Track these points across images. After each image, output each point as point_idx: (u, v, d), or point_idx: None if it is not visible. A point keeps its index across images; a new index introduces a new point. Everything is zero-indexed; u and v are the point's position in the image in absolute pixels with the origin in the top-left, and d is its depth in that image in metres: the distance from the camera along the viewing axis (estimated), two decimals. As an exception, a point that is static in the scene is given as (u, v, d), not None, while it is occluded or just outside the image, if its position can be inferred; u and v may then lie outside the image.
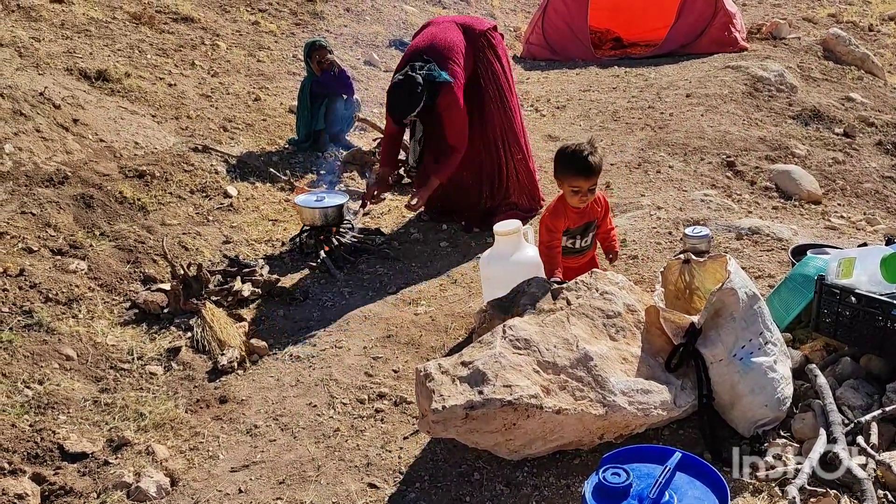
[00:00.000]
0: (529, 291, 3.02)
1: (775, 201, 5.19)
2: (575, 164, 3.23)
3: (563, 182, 3.31)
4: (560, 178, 3.33)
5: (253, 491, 2.79)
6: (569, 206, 3.36)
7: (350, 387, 3.37)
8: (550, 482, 2.68)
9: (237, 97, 6.94)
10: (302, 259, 4.66)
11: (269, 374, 3.53)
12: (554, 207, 3.41)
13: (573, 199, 3.31)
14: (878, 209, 5.37)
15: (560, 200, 3.39)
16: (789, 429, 2.74)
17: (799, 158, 5.89)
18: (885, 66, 9.47)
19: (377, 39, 9.39)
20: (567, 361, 2.64)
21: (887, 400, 2.66)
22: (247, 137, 6.29)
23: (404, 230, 5.06)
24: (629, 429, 2.69)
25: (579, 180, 3.25)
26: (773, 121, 6.68)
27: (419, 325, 3.86)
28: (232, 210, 5.16)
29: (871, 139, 6.60)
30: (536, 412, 2.50)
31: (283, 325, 3.96)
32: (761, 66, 7.76)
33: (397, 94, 4.44)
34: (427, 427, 2.60)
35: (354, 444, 3.01)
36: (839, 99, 7.46)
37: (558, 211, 3.38)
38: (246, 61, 7.80)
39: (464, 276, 4.37)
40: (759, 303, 2.81)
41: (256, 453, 3.00)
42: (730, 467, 2.63)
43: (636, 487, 1.95)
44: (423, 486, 2.73)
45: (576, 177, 3.25)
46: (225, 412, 3.28)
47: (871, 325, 2.82)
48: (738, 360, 2.71)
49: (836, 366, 2.95)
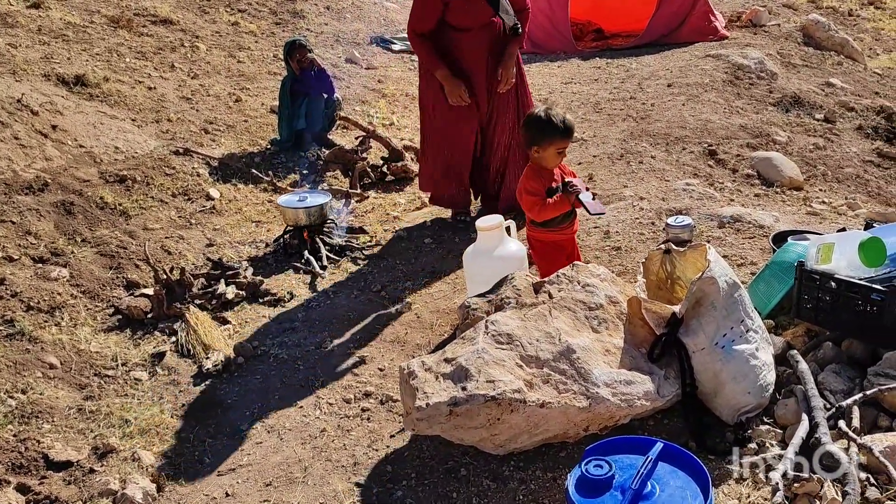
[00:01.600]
0: (512, 285, 3.02)
1: (757, 188, 5.20)
2: (558, 126, 3.27)
3: (546, 147, 3.29)
4: (543, 144, 3.29)
5: (240, 494, 2.78)
6: (544, 170, 3.37)
7: (336, 386, 3.37)
8: (537, 475, 2.68)
9: (218, 98, 6.91)
10: (286, 260, 4.65)
11: (254, 376, 3.53)
12: (529, 176, 3.37)
13: (555, 160, 3.35)
14: (860, 193, 5.40)
15: (533, 169, 3.37)
16: (772, 415, 2.75)
17: (780, 145, 5.91)
18: (864, 50, 9.52)
19: (358, 37, 9.36)
20: (550, 355, 2.65)
21: (868, 383, 2.67)
22: (228, 139, 6.26)
23: (388, 228, 5.05)
24: (614, 420, 2.70)
25: (565, 141, 3.31)
26: (753, 108, 6.70)
27: (404, 322, 3.86)
28: (214, 212, 5.14)
29: (851, 124, 6.63)
30: (520, 406, 2.50)
31: (268, 326, 3.95)
32: (741, 54, 7.78)
33: None
34: (412, 425, 2.60)
35: (341, 443, 3.01)
36: (819, 85, 7.49)
37: (535, 175, 3.36)
38: (226, 62, 7.76)
39: (448, 273, 4.36)
40: (740, 291, 2.82)
41: (243, 456, 3.00)
42: (714, 455, 2.65)
43: (619, 479, 1.96)
44: (410, 483, 2.73)
45: (562, 139, 3.29)
46: (211, 416, 3.27)
47: (851, 309, 2.83)
48: (719, 349, 2.72)
49: (817, 351, 2.97)
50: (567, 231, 3.47)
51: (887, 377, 2.66)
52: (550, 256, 3.46)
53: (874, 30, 11.19)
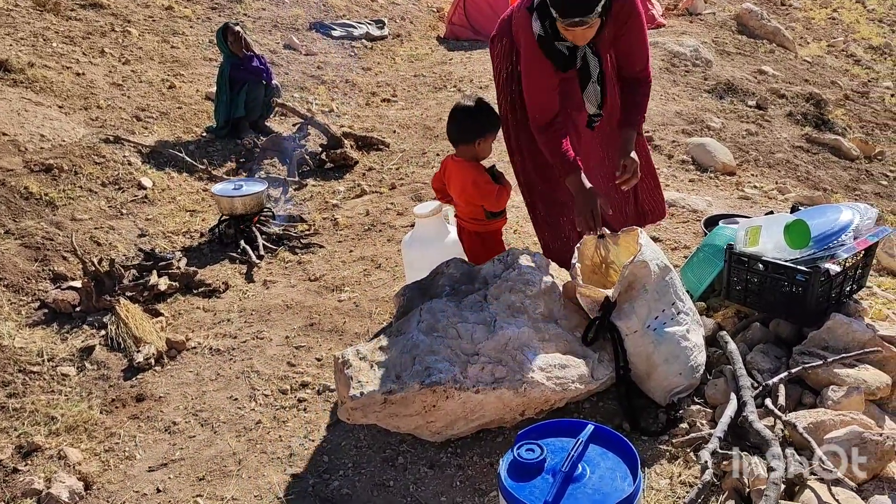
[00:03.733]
0: (448, 273, 3.01)
1: (692, 174, 5.31)
2: (494, 119, 3.22)
3: (488, 138, 3.21)
4: (486, 136, 3.20)
5: (171, 489, 2.72)
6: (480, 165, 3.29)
7: (272, 378, 3.32)
8: (474, 461, 2.69)
9: (150, 85, 6.71)
10: (222, 250, 4.55)
11: (188, 368, 3.44)
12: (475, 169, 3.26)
13: (490, 151, 3.28)
14: (790, 178, 5.55)
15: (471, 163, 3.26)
16: (703, 395, 2.81)
17: (714, 131, 6.04)
18: (795, 39, 9.79)
19: (297, 22, 9.21)
20: (485, 341, 2.64)
21: (793, 362, 2.74)
22: (161, 127, 6.09)
23: (327, 216, 4.99)
24: (549, 404, 2.72)
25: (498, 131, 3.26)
26: (689, 95, 6.82)
27: (343, 311, 3.82)
28: (147, 202, 5.00)
29: (782, 110, 6.81)
30: (455, 393, 2.49)
31: (203, 318, 3.86)
32: (678, 42, 7.91)
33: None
34: (346, 414, 2.57)
35: (277, 435, 2.96)
36: (752, 72, 7.67)
37: (479, 168, 3.27)
38: (159, 48, 7.55)
39: (388, 261, 4.34)
40: (671, 274, 2.86)
41: (175, 451, 2.93)
42: (647, 436, 2.69)
43: (550, 462, 1.96)
44: (347, 473, 2.70)
45: (495, 131, 3.24)
46: (142, 410, 3.19)
47: (778, 290, 2.90)
48: (651, 331, 2.76)
49: (746, 332, 3.04)
50: (501, 222, 3.45)
51: (811, 356, 2.73)
52: (495, 246, 3.42)
53: (805, 19, 11.52)
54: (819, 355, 2.71)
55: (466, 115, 3.22)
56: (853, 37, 11.23)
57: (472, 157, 3.26)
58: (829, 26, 11.57)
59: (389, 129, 6.57)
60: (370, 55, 8.90)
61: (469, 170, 3.25)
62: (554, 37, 2.91)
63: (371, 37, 9.37)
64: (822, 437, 2.36)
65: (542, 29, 2.91)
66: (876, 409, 2.65)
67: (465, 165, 3.26)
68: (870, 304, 3.25)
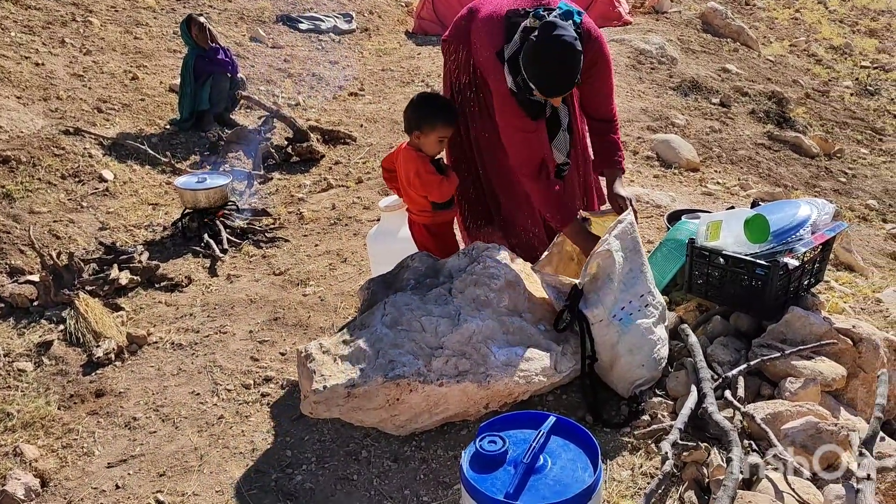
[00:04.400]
0: (413, 266, 3.00)
1: (656, 170, 5.36)
2: (445, 112, 3.12)
3: (429, 133, 3.09)
4: (425, 130, 3.09)
5: (131, 486, 2.68)
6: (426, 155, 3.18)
7: (235, 372, 3.28)
8: (438, 454, 2.69)
9: (112, 76, 6.60)
10: (185, 243, 4.50)
11: (149, 363, 3.40)
12: (416, 159, 3.15)
13: (436, 148, 3.16)
14: (752, 174, 5.64)
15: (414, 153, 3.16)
16: (664, 387, 2.84)
17: (679, 128, 6.11)
18: (759, 38, 9.94)
19: (264, 15, 9.12)
20: (449, 334, 2.64)
21: (752, 355, 2.79)
22: (123, 119, 5.99)
23: (293, 210, 4.95)
24: (513, 397, 2.73)
25: (448, 128, 3.14)
26: (654, 92, 6.89)
27: (307, 305, 3.79)
28: (108, 195, 4.91)
29: (745, 108, 6.91)
30: (419, 386, 2.49)
31: (165, 312, 3.81)
32: (644, 40, 7.98)
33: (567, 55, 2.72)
34: (309, 408, 2.55)
35: (239, 430, 2.93)
36: (716, 70, 7.77)
37: (421, 158, 3.15)
38: (122, 38, 7.42)
39: (354, 255, 4.32)
40: (643, 266, 2.87)
41: (135, 446, 2.88)
42: (610, 428, 2.72)
43: (512, 454, 1.97)
44: (310, 467, 2.68)
45: (445, 125, 3.11)
46: (101, 406, 3.13)
47: (738, 284, 2.94)
48: (617, 321, 2.77)
49: (707, 325, 3.08)
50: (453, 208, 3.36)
51: (770, 348, 2.78)
52: (447, 239, 3.37)
53: (769, 18, 11.70)
54: (777, 348, 2.75)
55: (409, 104, 3.17)
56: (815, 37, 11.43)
57: (417, 148, 3.17)
58: (791, 26, 11.76)
59: (356, 122, 6.54)
60: (338, 49, 8.85)
61: (413, 160, 3.16)
62: (527, 91, 2.90)
63: (339, 30, 9.31)
64: (779, 428, 2.40)
65: (514, 84, 2.91)
66: (832, 399, 2.71)
67: (411, 155, 3.17)
68: (827, 297, 3.32)
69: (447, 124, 3.13)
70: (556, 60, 2.72)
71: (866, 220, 5.45)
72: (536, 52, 2.73)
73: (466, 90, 3.18)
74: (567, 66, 2.74)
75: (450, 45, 3.18)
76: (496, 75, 2.95)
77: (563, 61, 2.72)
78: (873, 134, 7.42)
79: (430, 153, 3.17)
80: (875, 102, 8.54)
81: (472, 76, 3.14)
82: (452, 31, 3.18)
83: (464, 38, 3.09)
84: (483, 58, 3.03)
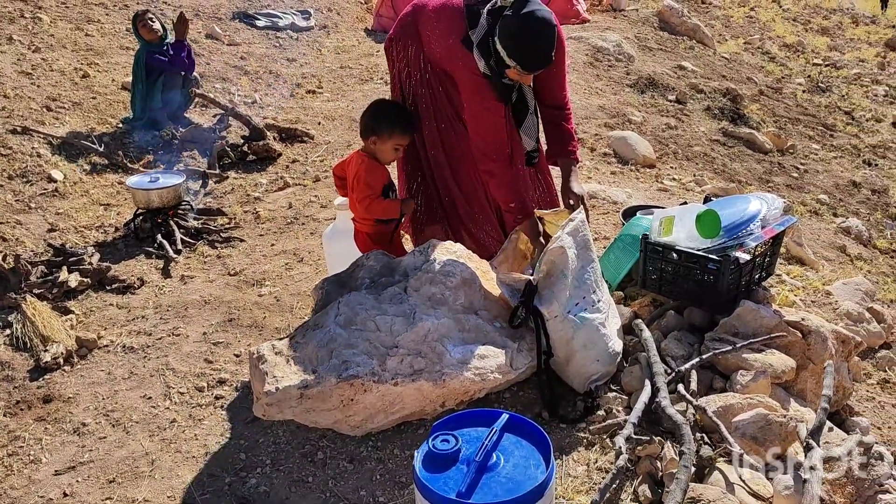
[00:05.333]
0: (367, 265, 2.98)
1: (613, 166, 5.40)
2: (403, 120, 3.10)
3: (385, 140, 3.08)
4: (382, 136, 3.07)
5: (79, 493, 2.61)
6: (379, 164, 3.17)
7: (188, 375, 3.22)
8: (395, 454, 2.67)
9: (62, 74, 6.44)
10: (138, 244, 4.40)
11: (99, 367, 3.32)
12: (368, 167, 3.12)
13: (391, 156, 3.15)
14: (707, 170, 5.72)
15: (368, 159, 3.13)
16: (619, 382, 2.86)
17: (635, 125, 6.16)
18: (714, 36, 10.09)
19: (220, 12, 8.97)
20: (404, 333, 2.63)
21: (705, 348, 2.82)
22: (74, 117, 5.85)
23: (249, 209, 4.88)
24: (469, 395, 2.72)
25: (406, 137, 3.13)
26: (612, 89, 6.95)
27: (263, 306, 3.74)
28: (58, 196, 4.79)
29: (700, 105, 7.00)
30: (373, 386, 2.47)
31: (116, 315, 3.73)
32: (601, 37, 8.04)
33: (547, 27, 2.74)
34: (262, 410, 2.51)
35: (192, 434, 2.88)
36: (672, 67, 7.86)
37: (374, 168, 3.14)
38: (73, 35, 7.25)
39: (311, 254, 4.27)
40: (591, 262, 2.89)
41: (84, 453, 2.81)
42: (566, 423, 2.72)
43: (465, 452, 1.96)
44: (265, 470, 2.65)
45: (403, 134, 3.11)
46: (49, 412, 3.05)
47: (691, 278, 2.98)
48: (571, 317, 2.78)
49: (661, 319, 3.11)
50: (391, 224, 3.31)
51: (722, 342, 2.81)
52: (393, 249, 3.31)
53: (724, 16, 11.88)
54: (729, 341, 2.79)
55: (367, 109, 3.14)
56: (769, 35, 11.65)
57: (372, 154, 3.14)
58: (746, 24, 11.97)
59: (314, 120, 6.48)
60: (296, 46, 8.75)
61: (364, 164, 3.12)
62: (500, 74, 2.91)
63: (297, 27, 9.21)
64: (730, 421, 2.43)
65: (486, 68, 2.89)
66: (782, 391, 2.76)
67: (362, 159, 3.13)
68: (778, 290, 3.38)
69: (404, 133, 3.12)
70: (537, 33, 2.73)
71: (817, 215, 5.56)
72: (517, 28, 2.73)
73: (419, 88, 3.16)
74: (547, 38, 2.75)
75: (397, 44, 3.16)
76: (464, 61, 2.93)
77: (543, 34, 2.74)
78: (825, 130, 7.58)
79: (385, 160, 3.15)
80: (826, 99, 8.72)
81: (424, 72, 3.12)
82: (398, 29, 3.15)
83: (412, 34, 3.08)
84: (444, 47, 3.00)
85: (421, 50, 3.07)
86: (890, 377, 3.46)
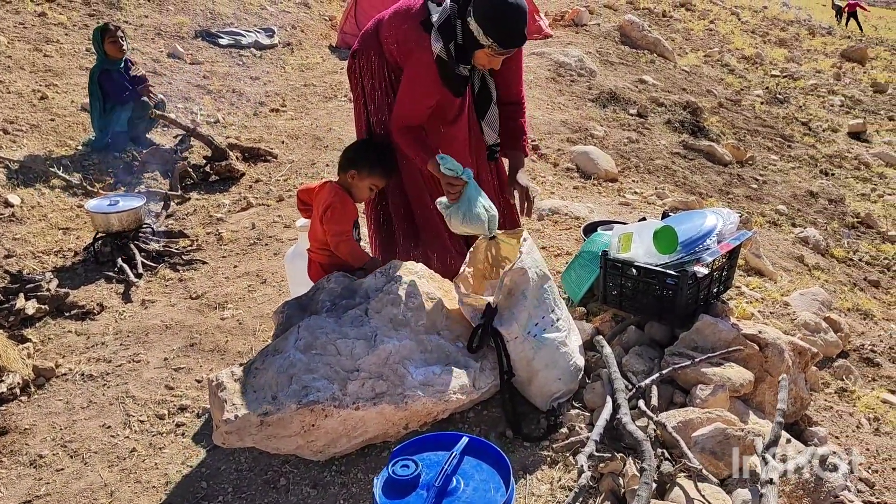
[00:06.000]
0: (328, 287, 2.96)
1: (576, 181, 5.45)
2: (385, 164, 3.09)
3: (364, 178, 3.07)
4: (362, 174, 3.06)
5: (35, 528, 2.56)
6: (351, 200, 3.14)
7: (148, 402, 3.18)
8: (358, 478, 2.65)
9: (20, 96, 6.35)
10: (97, 269, 4.34)
11: (56, 397, 3.26)
12: (343, 202, 3.09)
13: (364, 195, 3.15)
14: (668, 183, 5.79)
15: (342, 194, 3.10)
16: (581, 399, 2.87)
17: (597, 139, 6.23)
18: (675, 49, 10.25)
19: (182, 31, 8.93)
20: (365, 356, 2.62)
21: (665, 363, 2.85)
22: (32, 140, 5.76)
23: (211, 230, 4.84)
24: (432, 416, 2.71)
25: (382, 181, 3.13)
26: (574, 104, 7.02)
27: (225, 329, 3.70)
28: (15, 220, 4.71)
29: (661, 118, 7.10)
30: (334, 411, 2.46)
31: (75, 342, 3.66)
32: (563, 53, 8.13)
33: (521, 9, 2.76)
34: (221, 438, 2.48)
35: (152, 463, 2.83)
36: (633, 81, 7.97)
37: (347, 204, 3.11)
38: (31, 56, 7.16)
39: (274, 276, 4.24)
40: (549, 282, 2.92)
41: (41, 486, 2.75)
42: (529, 442, 2.73)
43: (425, 477, 1.95)
44: (227, 498, 2.61)
45: (381, 177, 3.11)
46: (4, 445, 2.98)
47: (651, 294, 3.01)
48: (532, 337, 2.80)
49: (622, 335, 3.14)
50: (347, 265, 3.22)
51: (681, 356, 2.84)
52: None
53: (685, 30, 12.08)
54: (688, 355, 2.82)
55: (355, 143, 3.17)
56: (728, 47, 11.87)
57: (346, 189, 3.12)
58: (706, 37, 12.19)
59: (278, 139, 6.45)
60: (259, 64, 8.73)
61: (337, 197, 3.08)
62: (458, 60, 2.89)
63: (260, 45, 9.19)
64: (689, 436, 2.46)
65: (444, 51, 2.86)
66: (741, 404, 2.79)
67: (336, 192, 3.10)
68: (737, 303, 3.43)
69: (383, 177, 3.12)
70: (514, 11, 2.73)
71: (776, 225, 5.66)
72: (494, 5, 2.72)
73: (384, 99, 3.13)
74: (523, 16, 2.76)
75: (360, 58, 3.14)
76: (419, 44, 2.88)
77: (519, 11, 2.74)
78: (783, 141, 7.73)
79: (358, 198, 3.15)
80: (784, 110, 8.90)
81: (389, 81, 3.10)
82: (361, 42, 3.15)
83: (373, 44, 3.07)
84: (400, 34, 2.94)
85: (384, 59, 3.06)
86: (847, 386, 3.53)
